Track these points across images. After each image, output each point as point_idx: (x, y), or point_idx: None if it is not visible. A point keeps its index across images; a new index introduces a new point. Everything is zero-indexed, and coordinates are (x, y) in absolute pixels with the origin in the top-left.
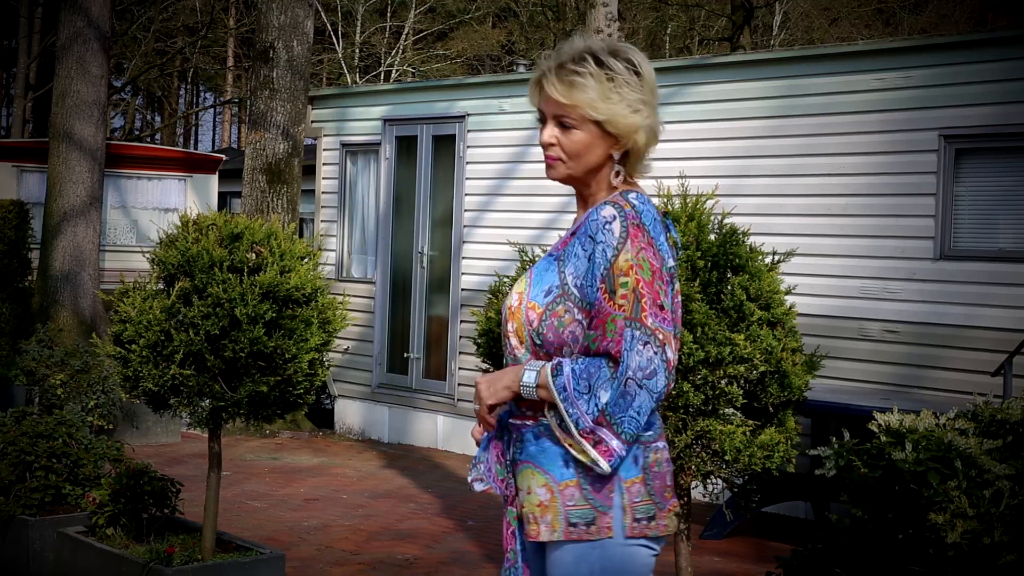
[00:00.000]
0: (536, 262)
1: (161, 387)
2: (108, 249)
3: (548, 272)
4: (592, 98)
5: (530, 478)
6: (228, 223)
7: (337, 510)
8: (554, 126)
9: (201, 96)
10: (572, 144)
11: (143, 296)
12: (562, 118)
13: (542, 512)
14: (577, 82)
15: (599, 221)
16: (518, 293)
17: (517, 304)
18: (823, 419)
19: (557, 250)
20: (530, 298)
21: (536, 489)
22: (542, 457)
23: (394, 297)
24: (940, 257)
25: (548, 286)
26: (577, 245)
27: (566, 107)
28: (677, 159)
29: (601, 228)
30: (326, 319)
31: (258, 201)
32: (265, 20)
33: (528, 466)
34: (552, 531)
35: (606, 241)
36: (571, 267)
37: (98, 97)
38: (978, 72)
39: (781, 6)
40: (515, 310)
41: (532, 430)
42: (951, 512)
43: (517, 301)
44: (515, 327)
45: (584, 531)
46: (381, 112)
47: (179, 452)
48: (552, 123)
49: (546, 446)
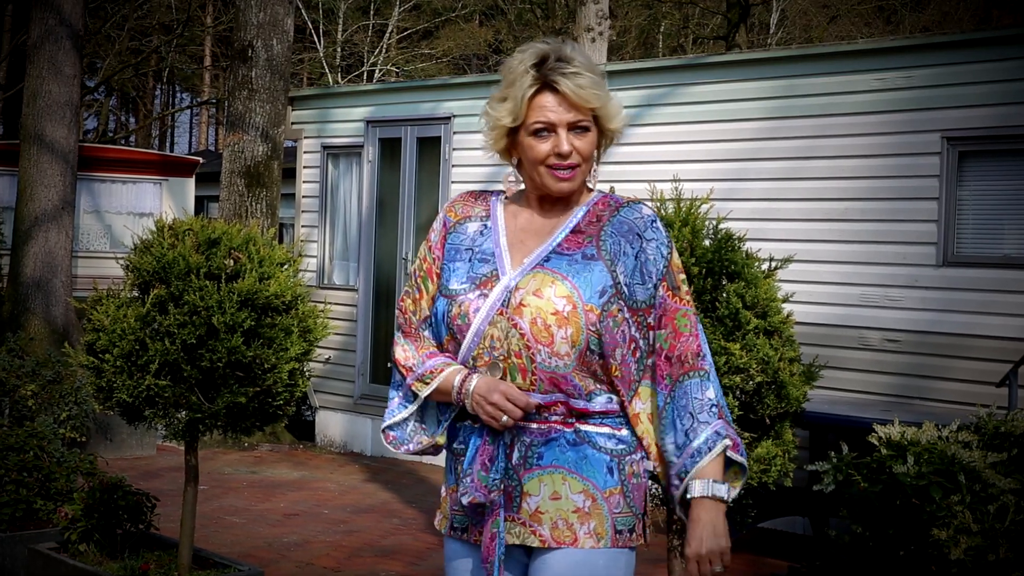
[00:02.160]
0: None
1: (136, 398)
2: (81, 255)
3: (591, 272)
4: (601, 95)
5: (559, 484)
6: (205, 228)
7: (318, 526)
8: (566, 133)
9: (177, 97)
10: (586, 147)
11: (117, 304)
12: (579, 122)
13: (581, 519)
14: (587, 79)
15: (644, 219)
16: (564, 297)
17: (571, 309)
18: (822, 431)
19: (573, 248)
20: (587, 300)
21: (571, 496)
22: (583, 464)
23: (377, 305)
24: (943, 263)
25: (601, 286)
26: (623, 243)
27: (583, 110)
28: (671, 162)
29: (649, 226)
30: (307, 328)
31: (236, 205)
32: (243, 18)
33: (557, 471)
34: (598, 538)
35: (658, 239)
36: (622, 266)
37: (70, 98)
38: (982, 72)
39: (778, 3)
40: (569, 315)
41: (566, 435)
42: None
43: (568, 306)
44: (569, 333)
45: (628, 538)
46: (364, 113)
47: (154, 465)
48: (563, 130)
49: (587, 452)
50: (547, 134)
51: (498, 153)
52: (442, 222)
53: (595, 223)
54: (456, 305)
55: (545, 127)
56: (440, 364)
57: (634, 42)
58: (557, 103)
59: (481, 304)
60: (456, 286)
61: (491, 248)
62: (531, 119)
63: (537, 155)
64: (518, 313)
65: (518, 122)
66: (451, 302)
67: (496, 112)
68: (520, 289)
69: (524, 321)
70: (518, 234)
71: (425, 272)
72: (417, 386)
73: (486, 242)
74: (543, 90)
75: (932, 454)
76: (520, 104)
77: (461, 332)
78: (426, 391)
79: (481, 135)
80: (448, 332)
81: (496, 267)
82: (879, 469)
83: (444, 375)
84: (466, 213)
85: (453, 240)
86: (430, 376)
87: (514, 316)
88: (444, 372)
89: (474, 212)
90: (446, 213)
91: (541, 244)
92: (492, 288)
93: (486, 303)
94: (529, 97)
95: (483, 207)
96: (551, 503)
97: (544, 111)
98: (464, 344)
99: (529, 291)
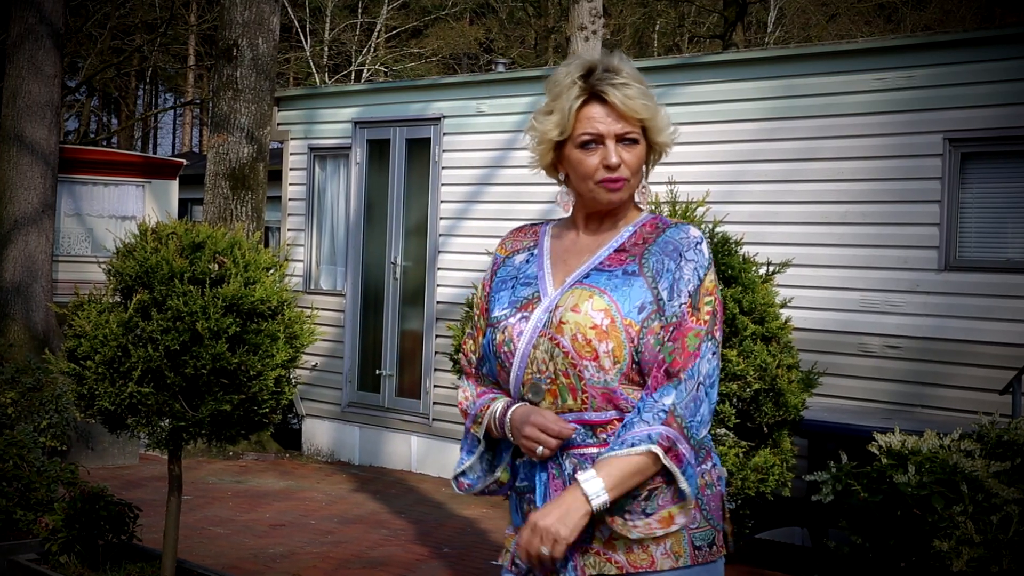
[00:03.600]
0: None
1: (118, 406)
2: (62, 259)
3: (631, 287)
4: (650, 106)
5: None
6: (189, 232)
7: (305, 536)
8: (615, 144)
9: (160, 97)
10: (635, 159)
11: (99, 309)
12: (628, 134)
13: (656, 541)
14: (636, 89)
15: (689, 240)
16: (602, 311)
17: (609, 323)
18: (820, 440)
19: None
20: (625, 315)
21: None
22: None
23: (365, 310)
24: (945, 268)
25: (640, 302)
26: (666, 261)
27: (631, 121)
28: (665, 164)
29: (693, 247)
30: (293, 334)
31: (221, 208)
32: (228, 16)
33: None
34: (676, 557)
35: (698, 261)
36: (664, 283)
37: (51, 98)
38: (985, 72)
39: (776, 2)
40: (608, 328)
41: None
42: (956, 538)
43: (607, 319)
44: (611, 347)
45: (708, 552)
46: (351, 114)
47: (137, 475)
48: (611, 142)
49: None
50: (595, 146)
51: (544, 169)
52: (493, 260)
53: (640, 244)
54: (500, 332)
55: (593, 139)
56: (486, 401)
57: (628, 41)
58: (605, 114)
59: (524, 327)
60: (499, 312)
61: (534, 272)
62: (579, 131)
63: (586, 169)
64: (559, 331)
65: (566, 134)
66: (495, 329)
67: (543, 125)
68: (560, 307)
69: (565, 338)
70: (561, 255)
71: (480, 311)
72: (475, 429)
73: (530, 268)
74: (591, 101)
75: (934, 463)
76: (568, 115)
77: (508, 359)
78: (480, 432)
79: (471, 136)
80: (497, 361)
81: (537, 289)
82: (879, 479)
83: (489, 411)
84: (515, 247)
85: (502, 274)
86: (481, 416)
87: (555, 335)
88: (490, 408)
89: (523, 244)
90: (497, 251)
91: (584, 263)
92: (533, 310)
93: (528, 325)
94: (577, 108)
95: (532, 239)
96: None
97: (592, 122)
98: (512, 371)
99: (567, 307)
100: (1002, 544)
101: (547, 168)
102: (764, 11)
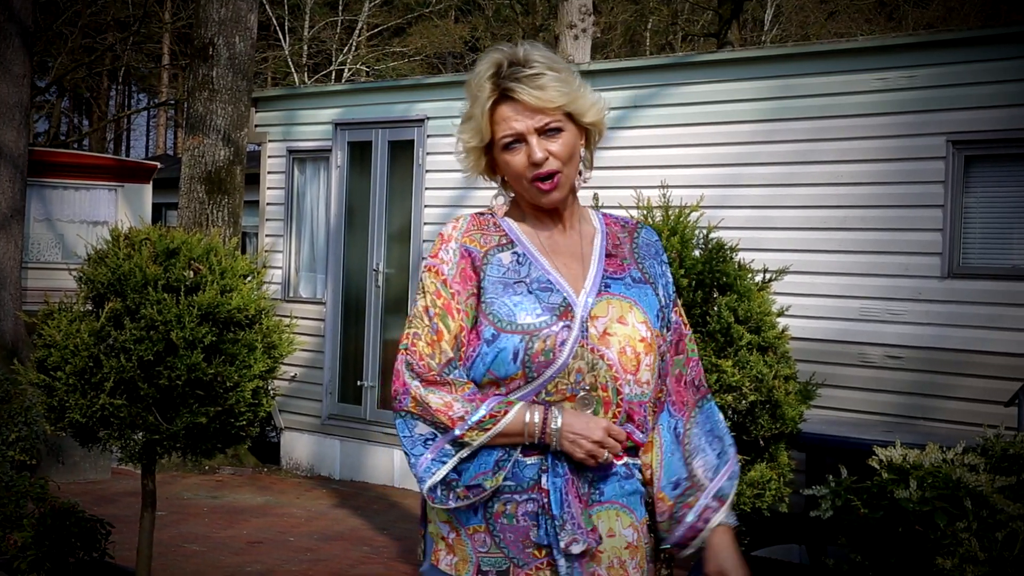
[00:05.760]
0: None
1: (89, 418)
2: (31, 266)
3: (648, 296)
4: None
5: (613, 520)
6: (163, 238)
7: (283, 554)
8: (537, 138)
9: (134, 98)
10: (563, 148)
11: (70, 318)
12: (548, 125)
13: (631, 554)
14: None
15: (659, 242)
16: (643, 323)
17: (651, 335)
18: (819, 454)
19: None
20: (654, 326)
21: (622, 531)
22: (633, 498)
23: (346, 319)
24: (948, 275)
25: (656, 310)
26: (656, 265)
27: (548, 111)
28: (658, 167)
29: (662, 250)
30: (271, 343)
31: (196, 213)
32: (204, 14)
33: (613, 507)
34: (641, 571)
35: (667, 261)
36: (661, 289)
37: (20, 99)
38: (990, 71)
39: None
40: (651, 341)
41: (619, 468)
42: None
43: (648, 332)
44: (653, 360)
45: (654, 568)
46: (332, 115)
47: (109, 490)
48: (533, 137)
49: (637, 486)
50: (519, 145)
51: (482, 175)
52: (460, 253)
53: (620, 247)
54: (539, 340)
55: (514, 138)
56: (500, 406)
57: (620, 39)
58: (519, 111)
59: (567, 336)
60: (532, 319)
61: (543, 276)
62: (499, 133)
63: (515, 170)
64: (603, 343)
65: (486, 139)
66: (531, 338)
67: (463, 134)
68: (599, 318)
69: (612, 351)
70: (549, 255)
71: (443, 310)
72: (471, 435)
73: (532, 271)
74: (502, 100)
75: (936, 478)
76: (482, 120)
77: (540, 368)
78: (484, 438)
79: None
80: (521, 370)
81: (564, 296)
82: (880, 494)
83: (511, 416)
84: (489, 243)
85: (494, 273)
86: (491, 421)
87: (599, 347)
88: (509, 413)
89: (495, 240)
90: (465, 243)
91: (584, 267)
92: (572, 319)
93: (571, 335)
94: (489, 110)
95: (497, 232)
96: (608, 541)
97: (508, 122)
98: (538, 380)
99: (612, 319)
100: (1007, 562)
101: (485, 172)
102: (760, 8)
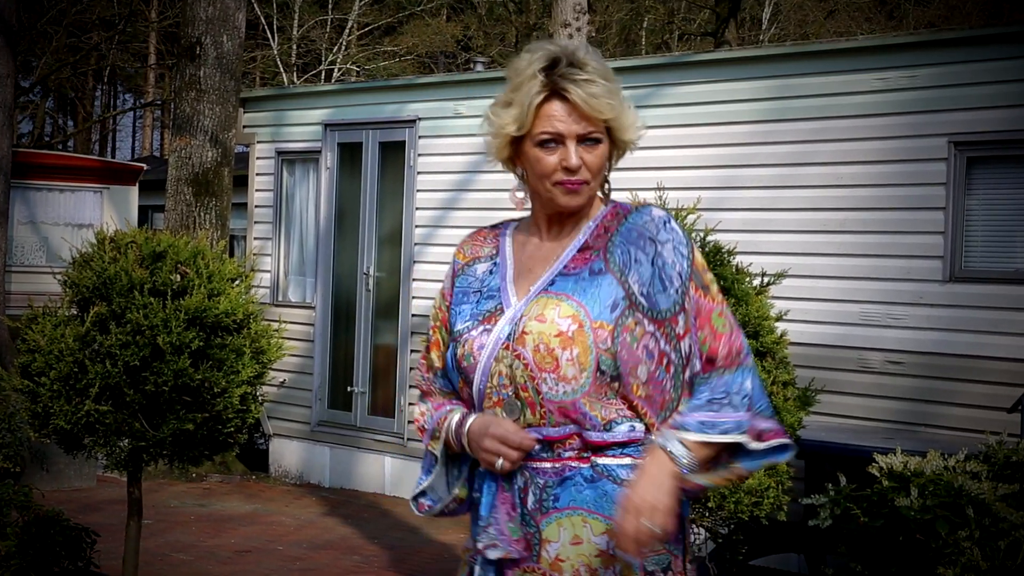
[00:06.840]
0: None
1: (74, 425)
2: (15, 270)
3: (599, 287)
4: (615, 103)
5: (579, 527)
6: (149, 240)
7: (272, 563)
8: (576, 145)
9: (119, 98)
10: (597, 161)
11: (54, 323)
12: (590, 134)
13: (605, 563)
14: (601, 86)
15: (655, 222)
16: (569, 317)
17: (576, 328)
18: (818, 461)
19: (579, 265)
20: (595, 317)
21: (594, 539)
22: (604, 502)
23: (336, 324)
24: (950, 279)
25: (611, 300)
26: (633, 251)
27: (595, 121)
28: (654, 168)
29: (662, 228)
30: (259, 348)
31: (183, 215)
32: (191, 12)
33: (576, 513)
34: None
35: (674, 240)
36: (635, 275)
37: (3, 99)
38: (992, 71)
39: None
40: (574, 334)
41: (583, 472)
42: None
43: (574, 325)
44: (575, 354)
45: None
46: (321, 116)
47: (95, 498)
48: (572, 142)
49: (607, 488)
50: (554, 145)
51: (500, 163)
52: (452, 266)
53: (603, 235)
54: (461, 345)
55: (552, 138)
56: (444, 414)
57: (615, 39)
58: (567, 113)
59: (485, 340)
60: (460, 326)
61: (497, 284)
62: (537, 129)
63: (544, 169)
64: (520, 343)
65: (524, 131)
66: (456, 344)
67: (500, 119)
68: (524, 318)
69: (527, 350)
70: (525, 263)
71: (440, 323)
72: (432, 445)
73: (493, 280)
74: (552, 98)
75: (938, 486)
76: (527, 111)
77: (469, 373)
78: (438, 448)
79: (449, 139)
80: (461, 376)
81: (500, 301)
82: (880, 502)
83: (445, 424)
84: (475, 254)
85: (461, 283)
86: (439, 430)
87: (517, 347)
88: (446, 421)
89: (483, 252)
90: (455, 256)
91: (547, 269)
92: (496, 323)
93: (490, 338)
94: (537, 105)
95: (492, 245)
96: (572, 549)
97: (552, 121)
98: (474, 386)
99: (531, 317)
100: (1010, 571)
101: (504, 162)
102: (759, 7)
